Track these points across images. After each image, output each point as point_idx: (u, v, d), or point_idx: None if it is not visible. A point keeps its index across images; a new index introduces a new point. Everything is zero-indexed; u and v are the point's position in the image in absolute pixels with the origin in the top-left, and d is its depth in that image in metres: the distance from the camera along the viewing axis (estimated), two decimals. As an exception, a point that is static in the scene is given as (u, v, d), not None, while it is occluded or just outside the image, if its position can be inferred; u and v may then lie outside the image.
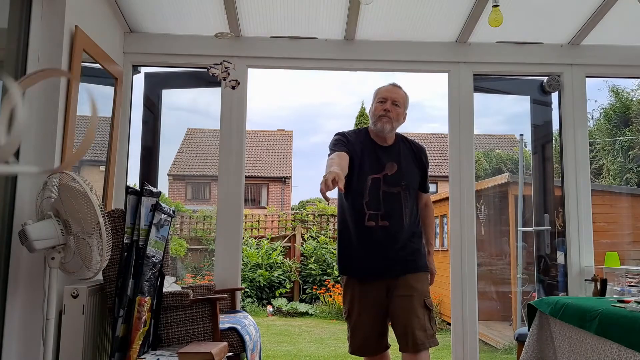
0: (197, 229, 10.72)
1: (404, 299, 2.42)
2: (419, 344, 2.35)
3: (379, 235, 2.46)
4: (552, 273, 3.87)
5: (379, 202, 2.47)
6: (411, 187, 2.55)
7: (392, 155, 2.56)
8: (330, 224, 10.51)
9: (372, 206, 2.46)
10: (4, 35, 2.52)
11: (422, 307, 2.42)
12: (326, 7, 3.40)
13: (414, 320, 2.38)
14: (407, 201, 2.51)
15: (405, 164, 2.57)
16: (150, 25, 3.60)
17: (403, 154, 2.59)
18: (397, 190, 2.50)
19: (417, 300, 2.42)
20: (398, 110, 2.55)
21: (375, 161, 2.52)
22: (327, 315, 8.39)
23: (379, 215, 2.46)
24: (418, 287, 2.45)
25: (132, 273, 2.67)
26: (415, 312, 2.40)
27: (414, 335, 2.36)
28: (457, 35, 3.64)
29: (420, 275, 2.50)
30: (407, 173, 2.55)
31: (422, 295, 2.45)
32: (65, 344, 2.62)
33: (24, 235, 2.25)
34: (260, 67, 3.78)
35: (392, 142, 2.61)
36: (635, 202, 6.92)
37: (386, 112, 2.52)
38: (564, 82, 3.72)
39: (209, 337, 2.76)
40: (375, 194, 2.48)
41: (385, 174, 2.51)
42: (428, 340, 2.38)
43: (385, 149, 2.57)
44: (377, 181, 2.49)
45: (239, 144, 3.62)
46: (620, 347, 1.91)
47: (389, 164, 2.53)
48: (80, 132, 2.88)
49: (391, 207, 2.47)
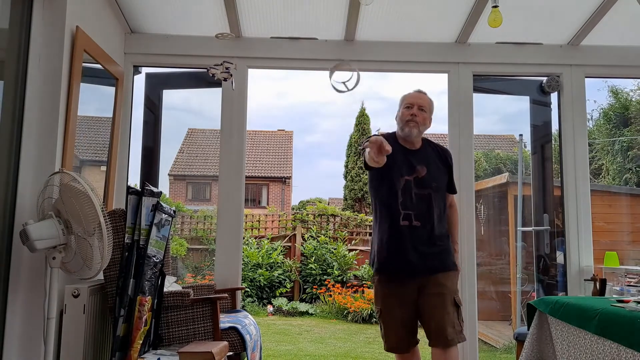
0: (197, 229, 10.73)
1: (436, 296, 2.53)
2: (449, 340, 2.47)
3: (412, 235, 2.56)
4: (552, 273, 3.87)
5: (412, 203, 2.57)
6: (440, 188, 2.66)
7: (422, 159, 2.66)
8: (330, 224, 10.52)
9: (406, 206, 2.57)
10: (4, 36, 2.53)
11: (452, 304, 2.54)
12: (326, 8, 3.41)
13: (445, 317, 2.49)
14: (436, 202, 2.61)
15: (434, 166, 2.68)
16: (151, 26, 3.61)
17: (431, 157, 2.70)
18: (428, 192, 2.60)
19: (448, 298, 2.54)
20: (424, 115, 2.68)
21: (406, 164, 2.62)
22: (327, 315, 8.40)
23: (412, 215, 2.56)
24: (448, 285, 2.57)
25: (133, 273, 2.68)
26: (447, 309, 2.51)
27: (445, 331, 2.47)
28: (457, 35, 3.64)
29: (450, 274, 2.61)
30: (436, 175, 2.65)
31: (453, 292, 2.57)
32: (66, 343, 2.63)
33: (25, 235, 2.25)
34: (261, 67, 3.78)
35: (419, 146, 2.72)
36: (635, 202, 6.93)
37: (413, 117, 2.64)
38: (564, 83, 3.73)
39: (209, 337, 2.77)
40: (409, 195, 2.58)
41: (416, 177, 2.61)
42: (457, 337, 2.50)
43: (414, 153, 2.68)
44: (409, 183, 2.59)
45: (239, 144, 3.63)
46: (620, 346, 1.92)
47: (419, 167, 2.63)
48: (81, 132, 2.89)
49: (422, 208, 2.58)
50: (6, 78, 2.52)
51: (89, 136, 3.29)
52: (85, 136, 3.16)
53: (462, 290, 3.52)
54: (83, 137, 3.07)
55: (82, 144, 3.09)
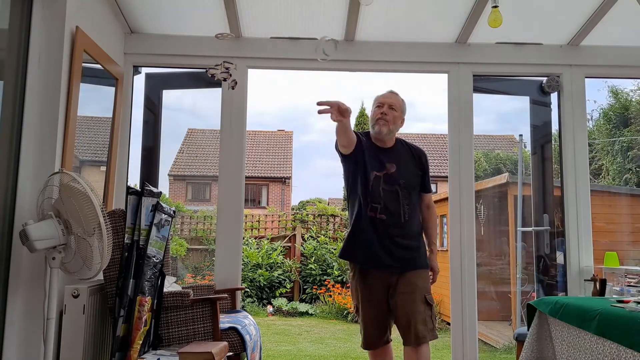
0: (197, 229, 10.73)
1: (406, 295, 2.56)
2: (419, 337, 2.50)
3: (377, 227, 2.61)
4: (552, 273, 3.87)
5: (379, 197, 2.63)
6: (410, 186, 2.69)
7: (392, 157, 2.72)
8: (330, 224, 10.52)
9: (373, 199, 2.63)
10: (4, 36, 2.53)
11: (423, 302, 2.56)
12: (326, 8, 3.41)
13: (416, 315, 2.52)
14: (405, 200, 2.65)
15: (404, 165, 2.72)
16: (150, 26, 3.61)
17: (402, 156, 2.75)
18: (395, 188, 2.65)
19: (418, 296, 2.56)
20: (394, 113, 2.72)
21: (377, 161, 2.68)
22: (327, 315, 8.40)
23: (378, 209, 2.62)
24: (419, 284, 2.59)
25: (133, 273, 2.68)
26: (417, 307, 2.53)
27: (416, 329, 2.51)
28: (457, 36, 3.64)
29: (420, 272, 2.63)
30: (405, 173, 2.70)
31: (423, 291, 2.59)
32: (66, 343, 2.62)
33: (25, 235, 2.25)
34: (261, 67, 3.78)
35: (391, 145, 2.77)
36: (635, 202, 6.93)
37: (383, 116, 2.70)
38: (563, 83, 3.73)
39: (209, 337, 2.77)
40: (377, 189, 2.64)
41: (386, 173, 2.67)
42: (429, 334, 2.53)
43: (385, 151, 2.74)
44: (378, 178, 2.65)
45: (239, 144, 3.63)
46: (620, 346, 1.91)
47: (388, 164, 2.69)
48: (81, 132, 2.89)
49: (389, 203, 2.63)
50: (6, 78, 2.52)
51: (89, 136, 3.29)
52: (85, 136, 3.16)
53: (462, 290, 3.53)
54: (83, 137, 3.07)
55: (82, 144, 3.09)
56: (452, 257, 3.58)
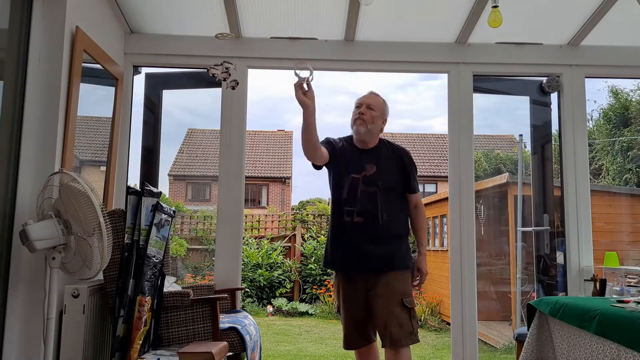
0: (197, 229, 10.74)
1: (382, 297, 2.55)
2: (395, 341, 2.48)
3: (354, 231, 2.60)
4: (552, 273, 3.87)
5: (356, 200, 2.61)
6: (389, 187, 2.66)
7: (372, 158, 2.70)
8: (330, 224, 10.52)
9: (349, 203, 2.62)
10: (4, 36, 2.53)
11: (399, 305, 2.53)
12: (326, 8, 3.41)
13: (392, 318, 2.50)
14: (384, 201, 2.62)
15: (384, 165, 2.69)
16: (150, 26, 3.61)
17: (383, 156, 2.72)
18: (373, 189, 2.63)
19: (395, 299, 2.53)
20: (373, 113, 2.70)
21: (356, 163, 2.68)
22: (327, 315, 8.40)
23: (355, 212, 2.61)
24: (396, 286, 2.57)
25: (133, 273, 2.68)
26: (392, 310, 2.51)
27: (390, 332, 2.49)
28: (457, 35, 3.64)
29: (397, 274, 2.60)
30: (385, 174, 2.67)
31: (400, 294, 2.56)
32: (66, 343, 2.62)
33: (25, 235, 2.25)
34: (261, 67, 3.78)
35: (372, 146, 2.75)
36: (635, 202, 6.94)
37: (360, 115, 2.69)
38: (563, 83, 3.73)
39: (209, 337, 2.77)
40: (353, 192, 2.63)
41: (365, 175, 2.65)
42: (406, 338, 2.50)
43: (365, 152, 2.72)
44: (356, 181, 2.64)
45: (239, 144, 3.63)
46: (620, 346, 1.92)
47: (368, 165, 2.67)
48: (81, 132, 2.89)
49: (366, 205, 2.61)
50: (6, 78, 2.52)
51: (89, 136, 3.30)
52: (85, 136, 3.16)
53: (462, 290, 3.53)
54: (83, 137, 3.07)
55: (81, 144, 3.09)
56: (452, 257, 3.57)
